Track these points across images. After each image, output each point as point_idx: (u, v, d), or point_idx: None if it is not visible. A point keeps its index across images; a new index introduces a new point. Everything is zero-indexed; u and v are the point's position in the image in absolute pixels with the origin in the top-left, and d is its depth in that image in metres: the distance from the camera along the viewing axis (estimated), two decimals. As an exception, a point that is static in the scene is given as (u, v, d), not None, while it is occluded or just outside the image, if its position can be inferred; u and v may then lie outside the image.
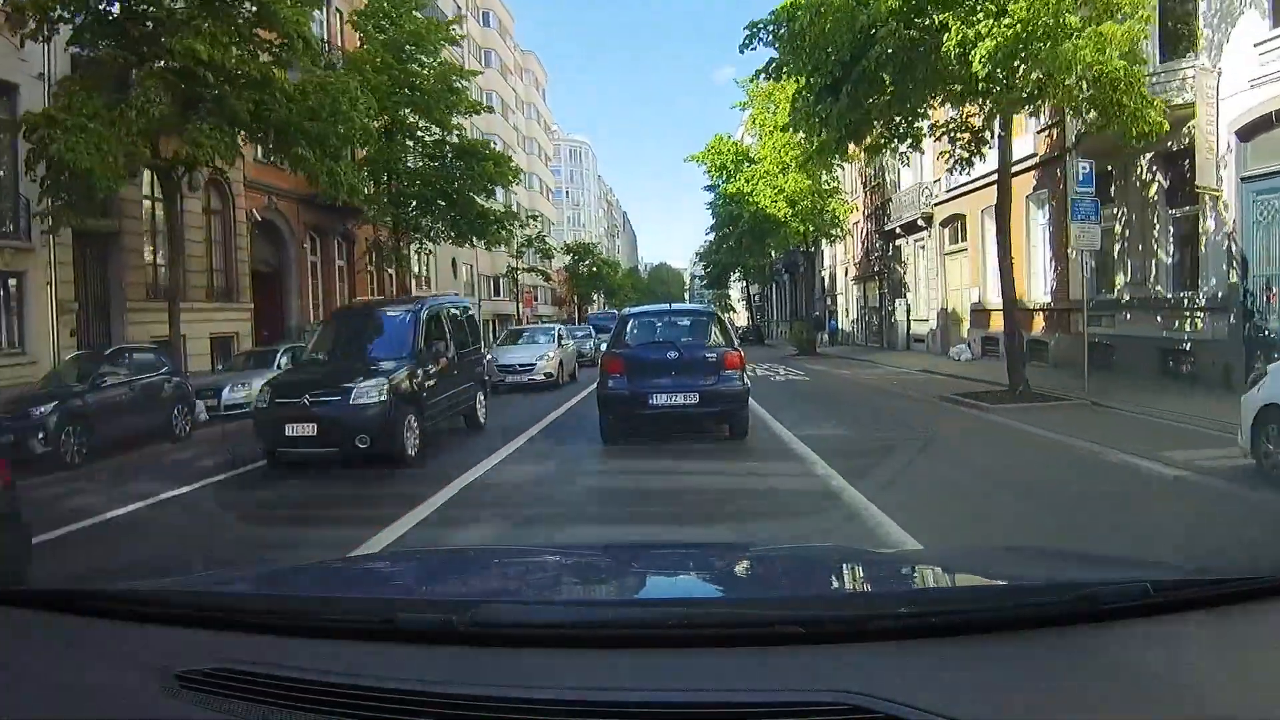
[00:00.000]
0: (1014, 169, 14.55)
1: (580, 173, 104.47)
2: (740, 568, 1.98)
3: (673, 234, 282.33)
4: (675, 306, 12.01)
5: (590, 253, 74.81)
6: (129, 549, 5.50)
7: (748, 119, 28.78)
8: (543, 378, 15.83)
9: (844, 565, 1.95)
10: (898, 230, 25.20)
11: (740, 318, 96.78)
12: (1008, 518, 5.31)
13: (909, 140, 12.38)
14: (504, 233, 23.36)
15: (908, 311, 26.50)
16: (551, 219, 71.03)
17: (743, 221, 28.01)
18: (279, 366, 11.80)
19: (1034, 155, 15.60)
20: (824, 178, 27.35)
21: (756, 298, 68.78)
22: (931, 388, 13.37)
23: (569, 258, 73.95)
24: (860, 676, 1.20)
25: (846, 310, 38.62)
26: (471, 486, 6.57)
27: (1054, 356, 15.04)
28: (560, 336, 18.01)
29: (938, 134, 12.03)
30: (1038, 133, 14.90)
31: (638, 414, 8.69)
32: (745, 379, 8.72)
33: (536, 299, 60.95)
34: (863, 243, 32.99)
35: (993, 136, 11.66)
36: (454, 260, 40.86)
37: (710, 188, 43.27)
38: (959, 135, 11.89)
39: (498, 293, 47.67)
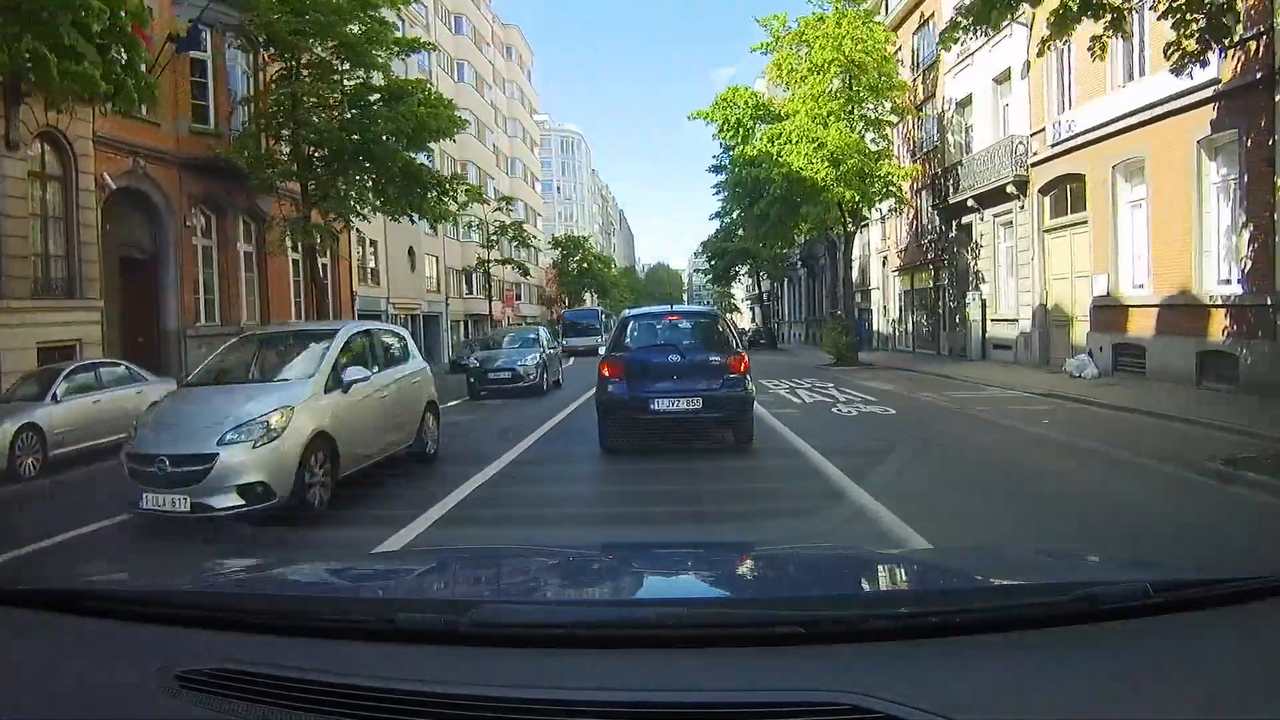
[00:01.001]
0: (1177, 103, 13.05)
1: (572, 165, 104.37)
2: (740, 568, 2.01)
3: (671, 236, 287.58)
4: (677, 308, 12.16)
5: (580, 246, 71.73)
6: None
7: (769, 66, 25.34)
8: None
9: (844, 565, 1.97)
10: (969, 203, 21.75)
11: (744, 319, 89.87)
12: None
13: None
14: (448, 201, 20.38)
15: (983, 309, 22.65)
16: (537, 210, 71.09)
17: (771, 189, 23.99)
18: (55, 398, 9.95)
19: (1208, 84, 12.10)
20: (870, 137, 24.32)
21: (765, 296, 66.04)
22: (1137, 435, 9.39)
23: (557, 252, 71.16)
24: (860, 676, 1.22)
25: (883, 309, 34.33)
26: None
27: (1246, 376, 11.68)
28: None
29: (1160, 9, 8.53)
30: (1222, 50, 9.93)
31: (638, 419, 8.86)
32: (750, 383, 9.20)
33: (519, 298, 59.42)
34: (909, 224, 29.51)
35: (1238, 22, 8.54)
36: (411, 250, 37.42)
37: (717, 167, 40.65)
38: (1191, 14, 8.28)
39: (469, 289, 45.43)
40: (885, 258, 32.00)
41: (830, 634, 1.32)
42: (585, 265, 69.85)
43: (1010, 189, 18.69)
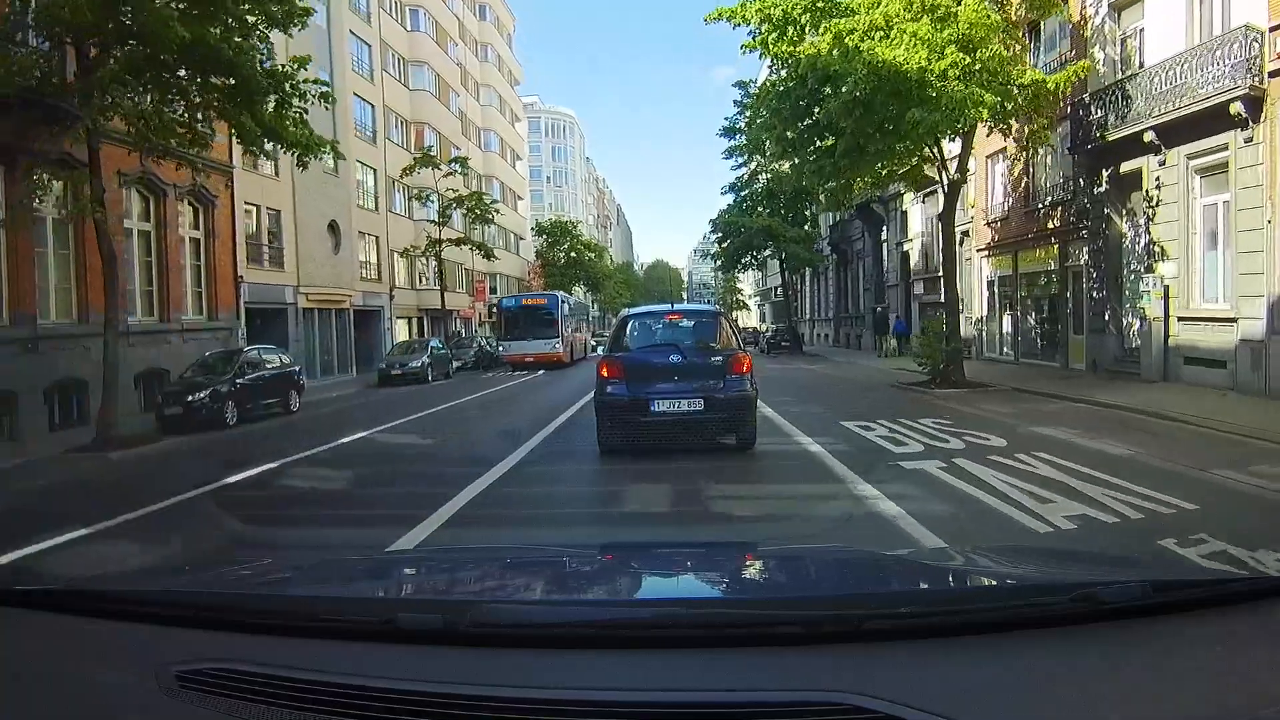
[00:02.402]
0: None
1: (563, 150, 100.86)
2: (740, 568, 2.13)
3: (670, 238, 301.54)
4: (678, 306, 12.38)
5: (568, 233, 66.95)
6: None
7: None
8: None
9: (844, 565, 2.09)
10: (1146, 138, 15.93)
11: (752, 317, 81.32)
12: None
13: None
14: (293, 112, 14.71)
15: (1166, 302, 15.90)
16: (518, 191, 66.90)
17: (851, 89, 16.64)
18: None
19: None
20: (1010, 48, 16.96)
21: (777, 292, 60.57)
22: None
23: (541, 240, 66.11)
24: (860, 676, 1.28)
25: (961, 302, 24.20)
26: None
27: None
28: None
29: None
30: None
31: (638, 421, 9.51)
32: (753, 383, 10.00)
33: (493, 290, 54.26)
34: (1012, 181, 23.04)
35: None
36: (334, 226, 30.99)
37: (729, 130, 39.29)
38: None
39: (430, 279, 39.51)
40: (965, 232, 26.37)
41: (830, 634, 1.40)
42: (574, 254, 66.42)
43: (1236, 109, 14.00)
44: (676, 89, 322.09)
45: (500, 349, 32.83)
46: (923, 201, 30.06)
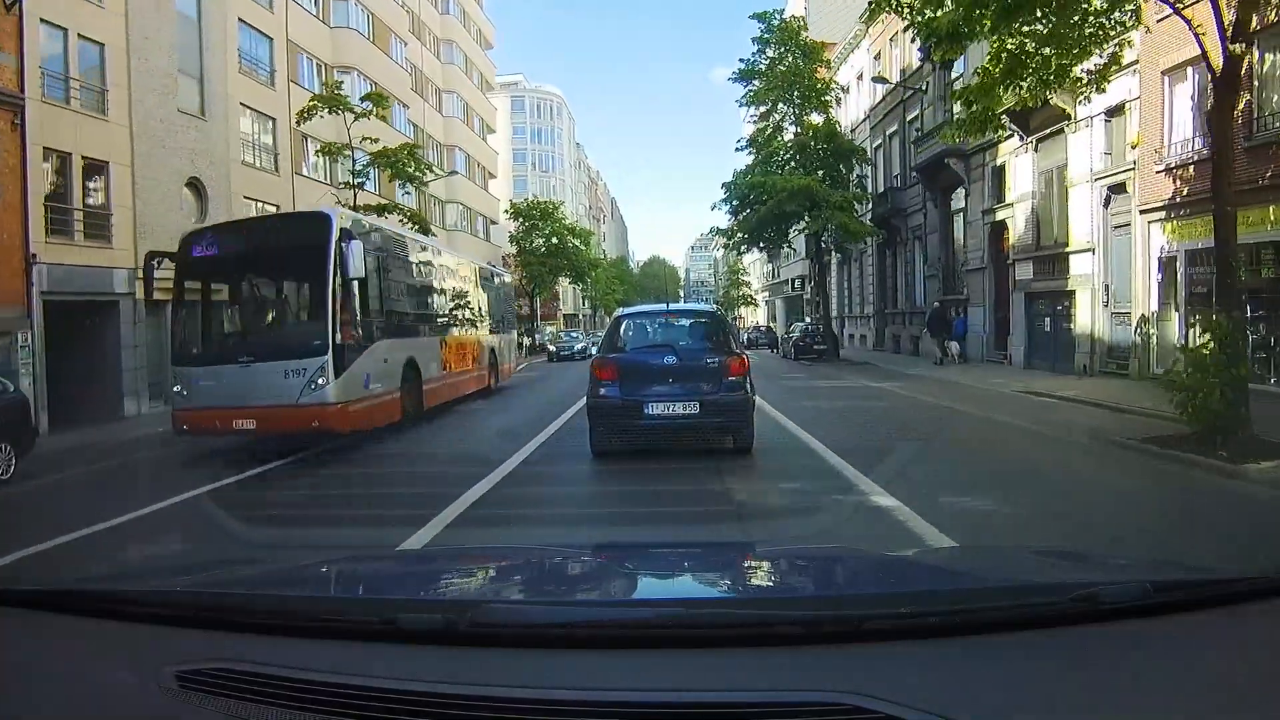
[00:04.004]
0: None
1: (549, 132, 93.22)
2: (740, 568, 2.14)
3: (667, 238, 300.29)
4: (674, 306, 12.69)
5: (549, 215, 57.25)
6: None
7: None
8: None
9: (844, 565, 2.11)
10: None
11: (759, 314, 73.57)
12: None
13: None
14: None
15: None
16: (489, 168, 59.33)
17: None
18: None
19: None
20: None
21: (795, 284, 54.76)
22: None
23: (518, 224, 56.21)
24: (860, 676, 1.30)
25: (1102, 294, 19.03)
26: None
27: None
28: None
29: None
30: None
31: (631, 425, 9.87)
32: (751, 386, 10.42)
33: None
34: (1206, 111, 15.34)
35: None
36: (196, 184, 23.11)
37: (745, 73, 30.92)
38: None
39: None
40: (1112, 188, 19.83)
41: (830, 634, 1.44)
42: (556, 241, 58.54)
43: None
44: (676, 90, 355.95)
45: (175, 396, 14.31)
46: (1035, 149, 23.82)
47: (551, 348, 47.05)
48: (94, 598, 1.66)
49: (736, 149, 38.13)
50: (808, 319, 45.30)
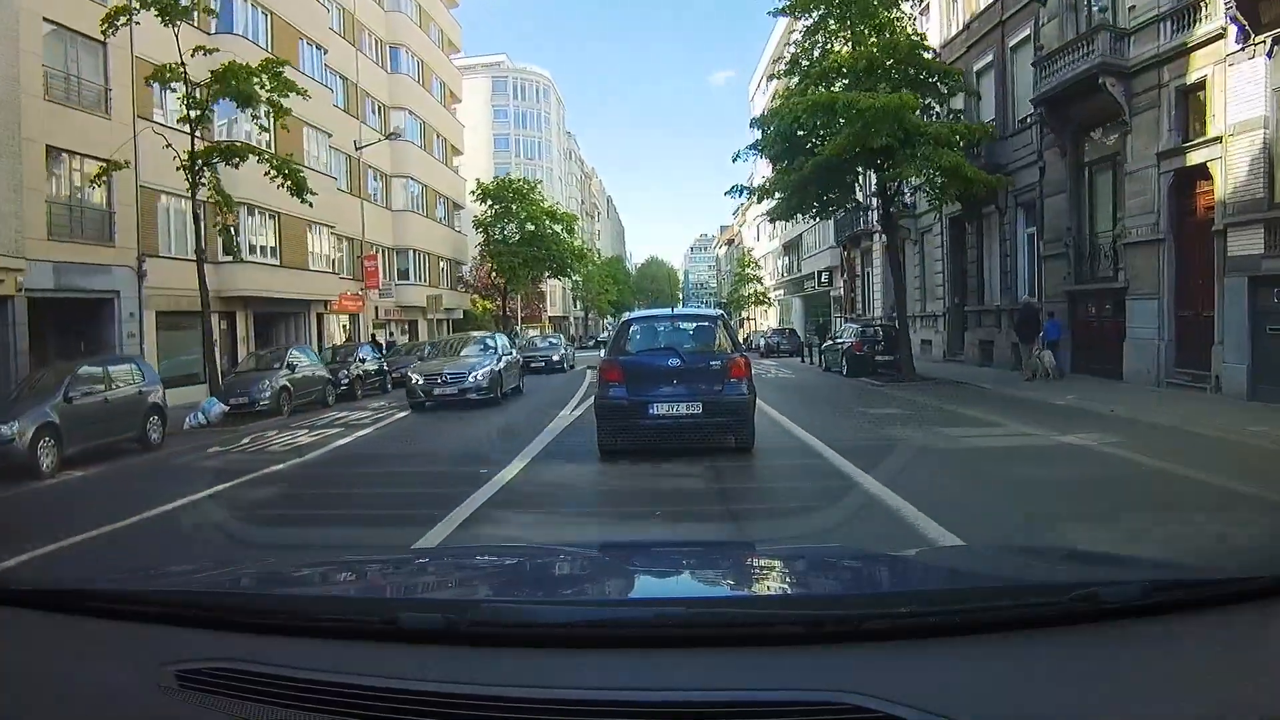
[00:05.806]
0: None
1: (535, 116, 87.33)
2: (741, 567, 2.21)
3: (666, 238, 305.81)
4: (679, 311, 14.56)
5: (522, 196, 50.42)
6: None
7: None
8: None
9: (844, 565, 2.17)
10: None
11: (771, 315, 64.25)
12: None
13: None
14: None
15: None
16: (455, 142, 51.36)
17: None
18: None
19: None
20: None
21: (823, 277, 48.40)
22: None
23: (485, 208, 49.72)
24: (860, 676, 1.33)
25: None
26: None
27: None
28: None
29: None
30: None
31: (637, 424, 10.56)
32: (751, 387, 11.12)
33: (388, 276, 39.82)
34: None
35: None
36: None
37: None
38: None
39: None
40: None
41: (830, 634, 1.48)
42: (532, 228, 51.02)
43: None
44: (675, 90, 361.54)
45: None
46: (1270, 52, 13.86)
47: (517, 355, 32.83)
48: (94, 597, 1.71)
49: (769, 77, 33.22)
50: (840, 319, 37.90)
